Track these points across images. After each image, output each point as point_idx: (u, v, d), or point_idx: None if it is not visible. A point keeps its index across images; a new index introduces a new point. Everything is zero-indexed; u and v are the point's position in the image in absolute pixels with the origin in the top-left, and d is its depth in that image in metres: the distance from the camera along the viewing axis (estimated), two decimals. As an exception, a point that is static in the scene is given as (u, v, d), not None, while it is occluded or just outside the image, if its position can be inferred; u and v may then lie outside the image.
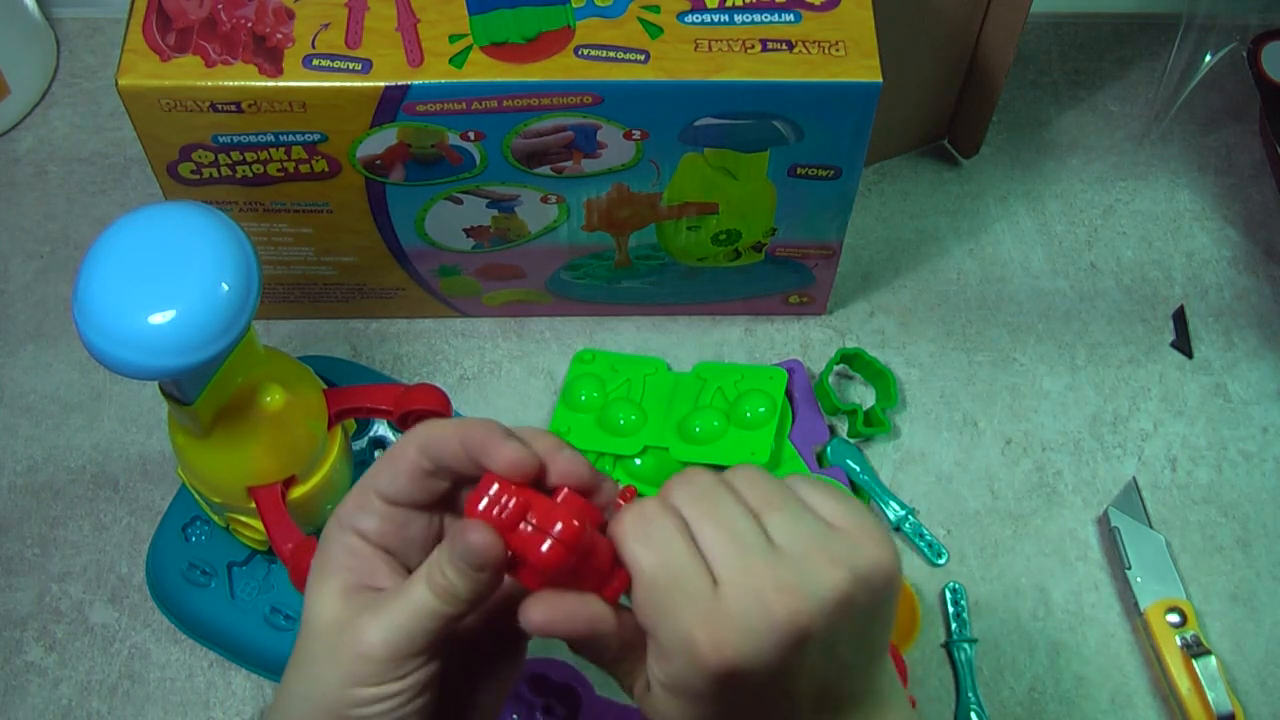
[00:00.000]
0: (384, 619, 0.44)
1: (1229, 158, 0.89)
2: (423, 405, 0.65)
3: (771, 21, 0.65)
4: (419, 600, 0.44)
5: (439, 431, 0.45)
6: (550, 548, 0.43)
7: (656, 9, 0.65)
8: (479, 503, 0.44)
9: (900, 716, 0.47)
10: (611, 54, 0.64)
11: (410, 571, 0.46)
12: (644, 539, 0.43)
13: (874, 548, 0.44)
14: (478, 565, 0.43)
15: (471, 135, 0.66)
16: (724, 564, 0.42)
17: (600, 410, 0.76)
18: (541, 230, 0.73)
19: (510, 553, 0.43)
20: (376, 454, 0.75)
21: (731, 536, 0.43)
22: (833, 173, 0.69)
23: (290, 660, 0.47)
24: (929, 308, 0.82)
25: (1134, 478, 0.76)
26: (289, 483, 0.64)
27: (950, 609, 0.72)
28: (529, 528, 0.43)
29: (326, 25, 0.65)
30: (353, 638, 0.44)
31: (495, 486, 0.44)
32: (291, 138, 0.66)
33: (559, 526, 0.43)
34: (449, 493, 0.47)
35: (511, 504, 0.43)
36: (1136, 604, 0.71)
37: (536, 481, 0.45)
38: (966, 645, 0.71)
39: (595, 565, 0.44)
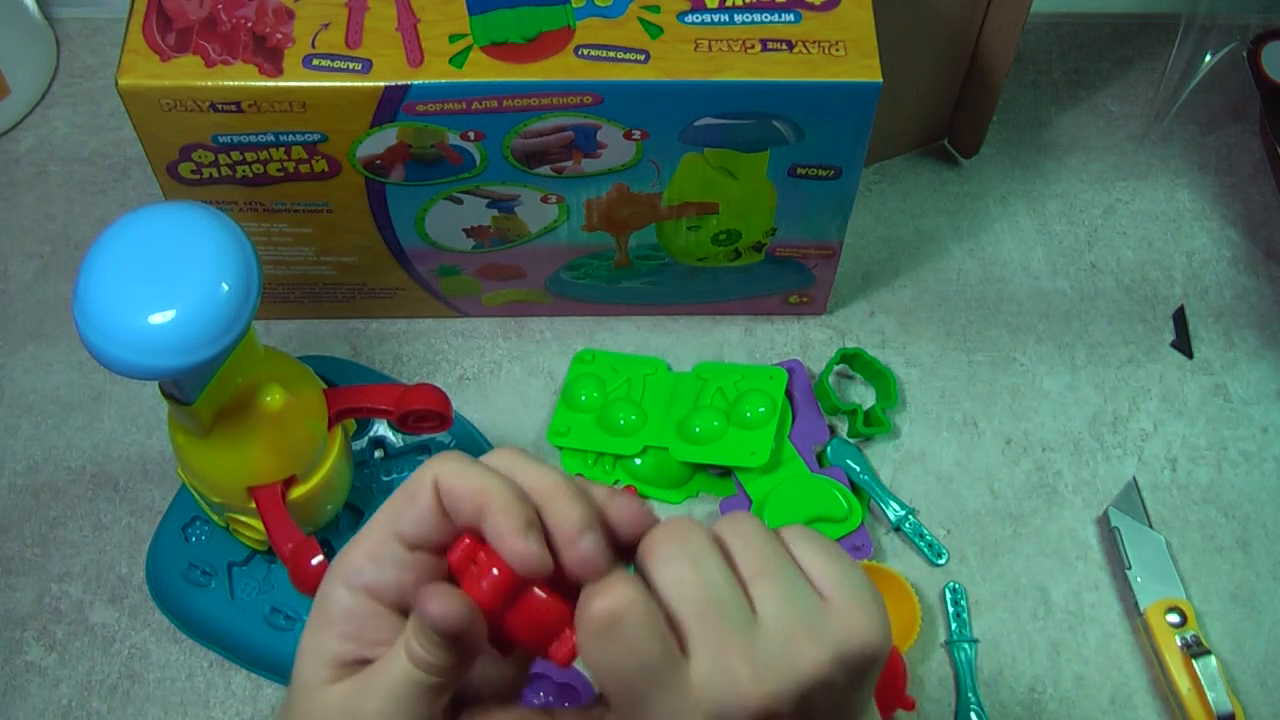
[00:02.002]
0: (380, 700, 0.42)
1: (1229, 158, 0.89)
2: (423, 405, 0.65)
3: (771, 21, 0.65)
4: (404, 674, 0.41)
5: (456, 480, 0.42)
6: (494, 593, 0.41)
7: (656, 9, 0.65)
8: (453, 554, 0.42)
9: None
10: (611, 54, 0.64)
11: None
12: (612, 638, 0.40)
13: (863, 624, 0.41)
14: (443, 636, 0.40)
15: (471, 135, 0.66)
16: (700, 641, 0.40)
17: (600, 410, 0.76)
18: (541, 230, 0.73)
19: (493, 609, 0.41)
20: (376, 454, 0.75)
21: (711, 612, 0.40)
22: (833, 173, 0.69)
23: None
24: (929, 308, 0.82)
25: (1134, 478, 0.76)
26: (289, 483, 0.64)
27: (950, 609, 0.72)
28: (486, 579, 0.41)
29: (326, 25, 0.65)
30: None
31: (468, 544, 0.42)
32: (291, 138, 0.66)
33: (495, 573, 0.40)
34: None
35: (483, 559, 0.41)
36: (1136, 604, 0.71)
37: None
38: (966, 645, 0.71)
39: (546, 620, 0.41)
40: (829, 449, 0.76)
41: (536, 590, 0.41)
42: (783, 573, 0.41)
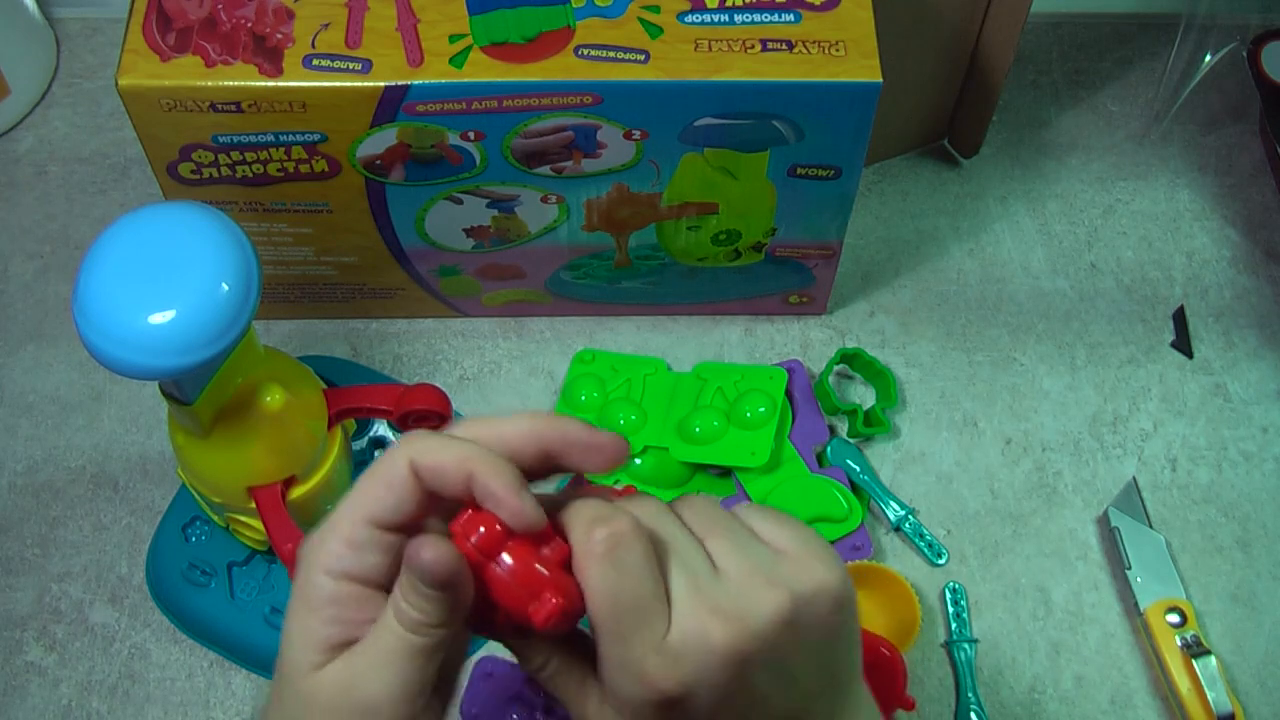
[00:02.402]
0: (372, 669, 0.42)
1: (1229, 158, 0.89)
2: (423, 405, 0.65)
3: (771, 21, 0.65)
4: (394, 638, 0.42)
5: (437, 455, 0.43)
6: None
7: (656, 9, 0.65)
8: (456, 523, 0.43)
9: None
10: (611, 54, 0.64)
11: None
12: (612, 561, 0.42)
13: (819, 569, 0.43)
14: (434, 585, 0.41)
15: (471, 135, 0.66)
16: (676, 592, 0.42)
17: (600, 410, 0.76)
18: (541, 230, 0.73)
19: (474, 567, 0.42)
20: (376, 454, 0.75)
21: (686, 564, 0.43)
22: (833, 173, 0.69)
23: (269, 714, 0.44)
24: (929, 308, 0.82)
25: (1134, 478, 0.76)
26: (289, 483, 0.64)
27: (950, 609, 0.72)
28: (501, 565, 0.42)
29: (326, 25, 0.65)
30: (351, 702, 0.43)
31: (470, 514, 0.43)
32: (291, 138, 0.66)
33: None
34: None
35: (483, 531, 0.42)
36: (1136, 604, 0.71)
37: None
38: (966, 645, 0.71)
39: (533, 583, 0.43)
40: (829, 449, 0.76)
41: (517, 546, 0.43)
42: (734, 530, 0.44)
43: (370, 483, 0.44)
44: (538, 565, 0.42)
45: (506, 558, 0.42)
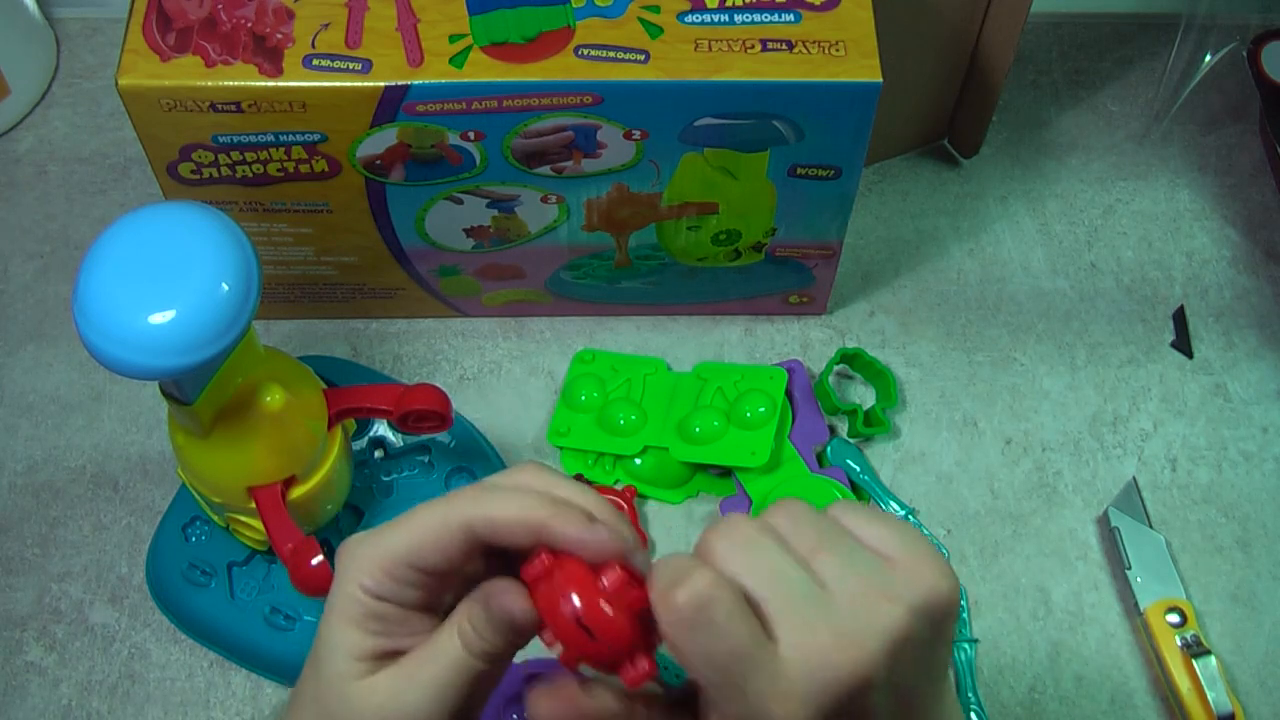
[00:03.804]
0: (427, 687, 0.43)
1: (1229, 158, 0.89)
2: (423, 405, 0.65)
3: (771, 21, 0.65)
4: (454, 660, 0.43)
5: (501, 512, 0.43)
6: (582, 634, 0.42)
7: (656, 9, 0.65)
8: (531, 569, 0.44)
9: None
10: (611, 54, 0.64)
11: (435, 615, 0.46)
12: (701, 624, 0.40)
13: (930, 574, 0.42)
14: (514, 629, 0.43)
15: (471, 135, 0.66)
16: (781, 621, 0.40)
17: (600, 410, 0.76)
18: (541, 230, 0.73)
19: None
20: (376, 454, 0.75)
21: (785, 591, 0.41)
22: (833, 173, 0.69)
23: (302, 714, 0.45)
24: (929, 308, 0.82)
25: (1134, 478, 0.76)
26: (289, 483, 0.64)
27: (950, 609, 0.72)
28: (570, 605, 0.42)
29: (326, 25, 0.65)
30: (401, 711, 0.43)
31: (544, 557, 0.43)
32: (291, 138, 0.66)
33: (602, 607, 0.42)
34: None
35: (559, 577, 0.43)
36: (1136, 604, 0.71)
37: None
38: (966, 645, 0.71)
39: (625, 644, 0.43)
40: (829, 449, 0.76)
41: (604, 605, 0.42)
42: (840, 542, 0.42)
43: (417, 533, 0.44)
44: (623, 619, 0.42)
45: (590, 614, 0.42)
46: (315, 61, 0.64)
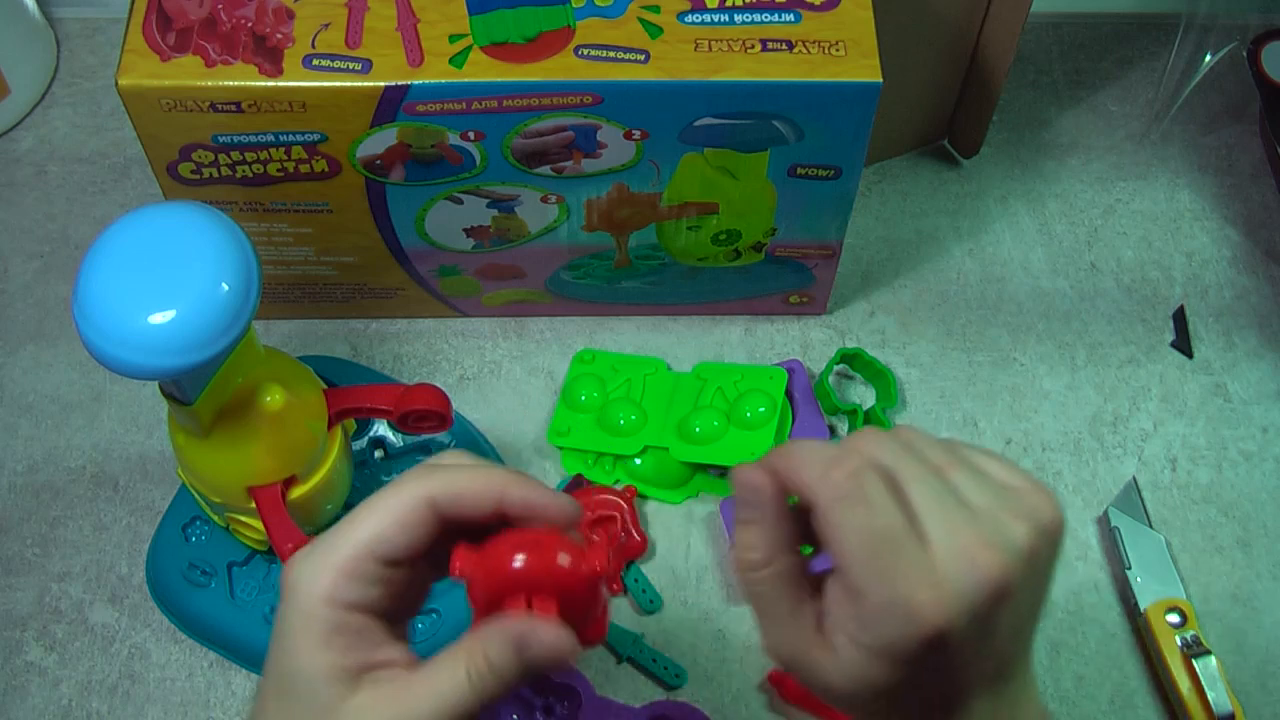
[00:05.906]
0: (436, 714, 0.43)
1: (1229, 158, 0.89)
2: (423, 405, 0.65)
3: (771, 21, 0.65)
4: (462, 688, 0.43)
5: (465, 485, 0.44)
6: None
7: (656, 9, 0.65)
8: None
9: (1035, 695, 0.46)
10: (611, 54, 0.64)
11: (393, 626, 0.45)
12: (859, 499, 0.42)
13: (1048, 503, 0.44)
14: (548, 668, 0.44)
15: (471, 135, 0.66)
16: (932, 523, 0.42)
17: (600, 410, 0.76)
18: (541, 230, 0.73)
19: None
20: (376, 454, 0.75)
21: (931, 491, 0.42)
22: (833, 173, 0.69)
23: None
24: (929, 308, 0.82)
25: (1134, 478, 0.76)
26: (289, 483, 0.64)
27: (950, 609, 0.72)
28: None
29: (326, 25, 0.65)
30: None
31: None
32: (291, 138, 0.66)
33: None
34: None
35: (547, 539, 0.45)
36: (1136, 604, 0.71)
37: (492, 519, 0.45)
38: (966, 645, 0.71)
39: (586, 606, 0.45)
40: (829, 449, 0.76)
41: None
42: (968, 463, 0.44)
43: (378, 518, 0.44)
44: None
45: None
46: (315, 61, 0.64)
